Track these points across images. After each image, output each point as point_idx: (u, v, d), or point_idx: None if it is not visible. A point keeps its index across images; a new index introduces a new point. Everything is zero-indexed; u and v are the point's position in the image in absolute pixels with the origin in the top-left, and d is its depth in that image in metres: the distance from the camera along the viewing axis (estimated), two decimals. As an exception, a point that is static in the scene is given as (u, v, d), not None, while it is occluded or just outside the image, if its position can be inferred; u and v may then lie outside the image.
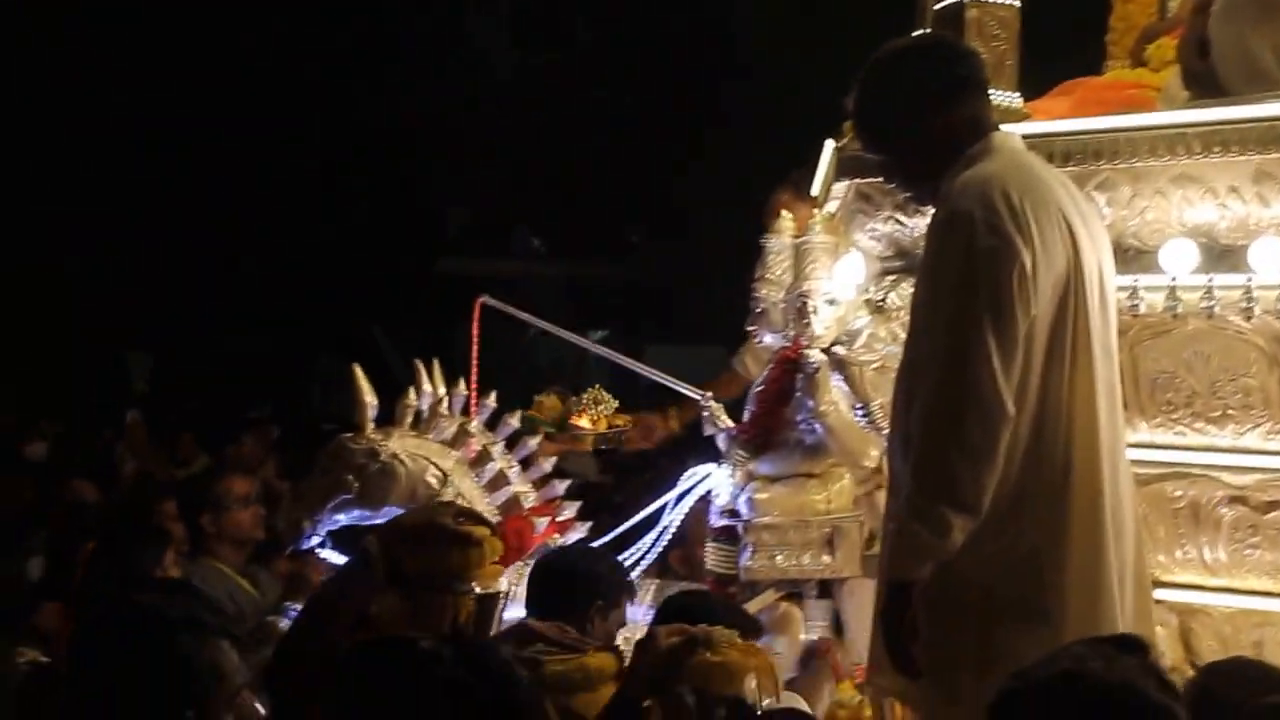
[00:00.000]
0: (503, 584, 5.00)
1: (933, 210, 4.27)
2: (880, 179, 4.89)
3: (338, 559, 5.85)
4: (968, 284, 3.91)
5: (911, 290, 5.18)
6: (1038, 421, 3.99)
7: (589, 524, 6.05)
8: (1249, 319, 4.74)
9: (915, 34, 5.15)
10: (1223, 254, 4.74)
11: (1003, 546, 3.98)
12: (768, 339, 6.01)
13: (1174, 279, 4.76)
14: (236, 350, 21.55)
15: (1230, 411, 4.88)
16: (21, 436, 13.85)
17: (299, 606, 5.61)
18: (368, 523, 5.85)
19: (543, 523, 5.79)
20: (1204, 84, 4.96)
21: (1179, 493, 4.94)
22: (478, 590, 3.91)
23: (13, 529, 8.42)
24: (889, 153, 4.32)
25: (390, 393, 5.90)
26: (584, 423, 6.83)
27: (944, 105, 4.14)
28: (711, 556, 5.99)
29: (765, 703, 3.78)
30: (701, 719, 3.83)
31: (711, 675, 3.78)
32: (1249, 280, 4.69)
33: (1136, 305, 4.77)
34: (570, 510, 5.96)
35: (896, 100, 4.18)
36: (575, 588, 4.93)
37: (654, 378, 6.84)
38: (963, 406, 3.88)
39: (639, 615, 5.33)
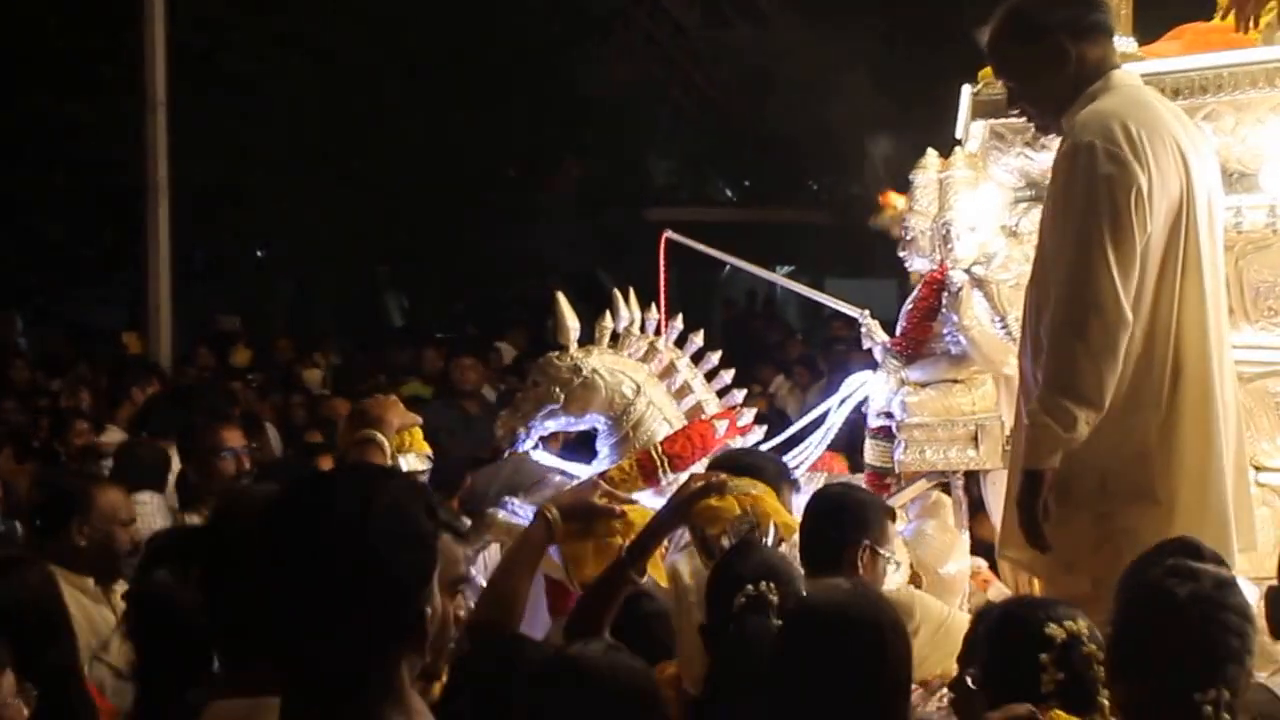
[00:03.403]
0: None
1: (1058, 142, 4.20)
2: (1012, 116, 4.81)
3: (547, 459, 5.98)
4: (1091, 207, 3.86)
5: (1040, 216, 5.15)
6: (1150, 327, 3.93)
7: (764, 427, 6.07)
8: (1342, 231, 4.61)
9: None
10: (1318, 174, 4.62)
11: (1120, 438, 3.94)
12: (917, 262, 5.97)
13: (1274, 198, 4.67)
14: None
15: (1325, 316, 4.77)
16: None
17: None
18: (573, 428, 5.96)
19: (723, 425, 5.82)
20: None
21: (1277, 389, 4.84)
22: None
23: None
24: (1021, 83, 4.22)
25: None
26: None
27: (1077, 45, 4.06)
28: (870, 452, 5.98)
29: (767, 541, 3.89)
30: (707, 553, 4.01)
31: (705, 517, 3.94)
32: (1342, 197, 4.56)
33: (1240, 223, 4.69)
34: (748, 415, 5.99)
35: (1037, 35, 4.09)
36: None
37: (819, 299, 6.85)
38: (1086, 314, 3.84)
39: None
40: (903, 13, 18.83)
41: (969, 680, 3.39)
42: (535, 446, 5.82)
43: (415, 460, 4.52)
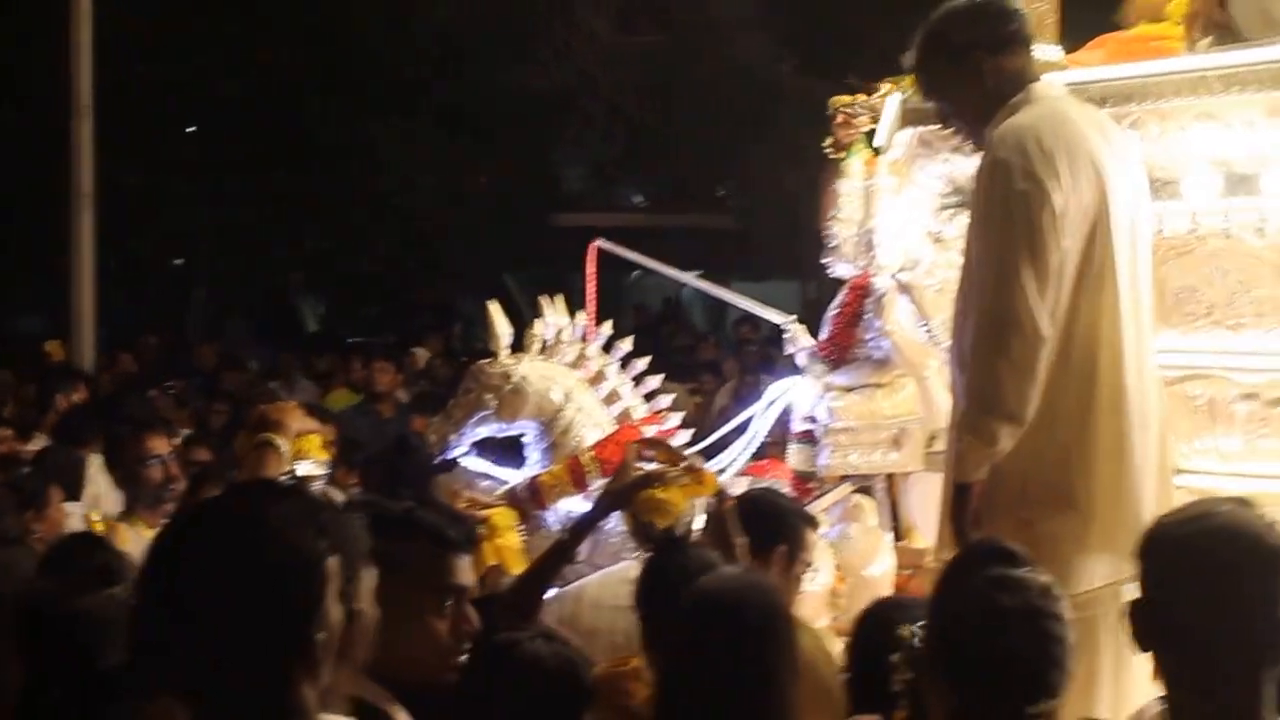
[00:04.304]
0: None
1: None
2: (939, 126, 4.74)
3: (478, 465, 5.85)
4: (1007, 223, 3.83)
5: (965, 222, 5.08)
6: (1067, 338, 3.89)
7: (691, 431, 5.98)
8: (1262, 238, 4.63)
9: None
10: (1239, 181, 4.61)
11: (1039, 446, 3.90)
12: (841, 269, 5.91)
13: (1196, 205, 4.66)
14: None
15: (1244, 320, 4.77)
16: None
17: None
18: (503, 434, 5.84)
19: (651, 431, 5.72)
20: (1222, 32, 4.80)
21: (1199, 392, 4.82)
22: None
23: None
24: (945, 99, 4.19)
25: (519, 328, 5.87)
26: None
27: (995, 58, 4.01)
28: (794, 456, 5.93)
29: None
30: (643, 539, 4.07)
31: (649, 506, 4.03)
32: (1262, 204, 4.58)
33: (1162, 229, 4.66)
34: (675, 419, 5.90)
35: (955, 54, 4.06)
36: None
37: (743, 305, 6.79)
38: (1006, 330, 3.81)
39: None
40: (810, 20, 18.81)
41: None
42: (467, 453, 5.71)
43: (312, 466, 4.42)
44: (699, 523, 4.27)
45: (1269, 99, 4.41)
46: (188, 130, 19.41)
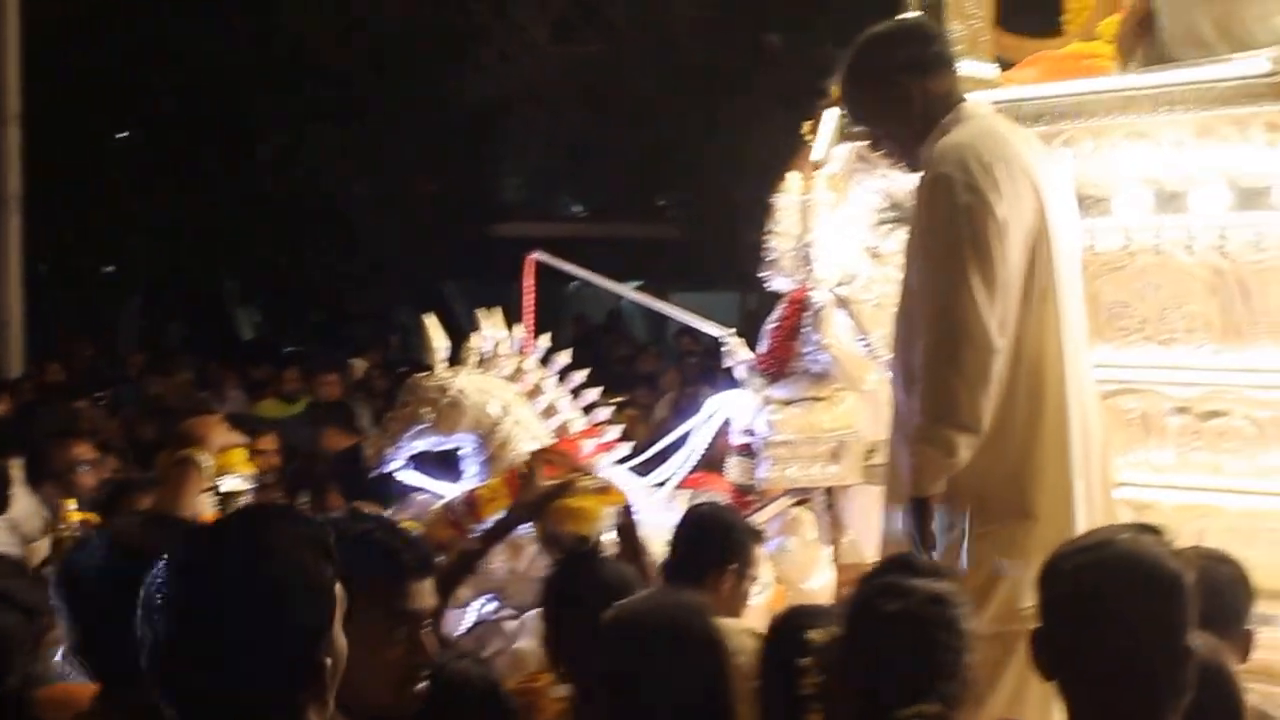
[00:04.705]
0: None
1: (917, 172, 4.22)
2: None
3: (415, 478, 5.84)
4: (953, 237, 3.86)
5: (903, 237, 5.13)
6: (1014, 351, 3.93)
7: (630, 444, 5.99)
8: (1191, 254, 4.69)
9: (895, 19, 5.05)
10: (1169, 199, 4.66)
11: (991, 460, 3.94)
12: (779, 282, 5.94)
13: (1127, 222, 4.71)
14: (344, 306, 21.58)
15: (1175, 335, 4.84)
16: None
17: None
18: (441, 447, 5.83)
19: (590, 444, 5.73)
20: (1138, 58, 4.89)
21: (1132, 405, 4.89)
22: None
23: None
24: (875, 125, 4.23)
25: (457, 339, 5.86)
26: None
27: (922, 81, 4.05)
28: (734, 469, 5.93)
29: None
30: (554, 548, 4.14)
31: (559, 516, 4.12)
32: (1191, 222, 4.63)
33: (1094, 245, 4.71)
34: (614, 433, 5.91)
35: (881, 79, 4.09)
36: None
37: (682, 318, 6.80)
38: (958, 342, 3.84)
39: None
40: (752, 30, 18.89)
41: None
42: (404, 466, 5.69)
43: (238, 481, 4.40)
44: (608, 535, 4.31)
45: (1197, 119, 4.47)
46: (120, 135, 19.21)
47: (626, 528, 4.23)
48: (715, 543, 4.31)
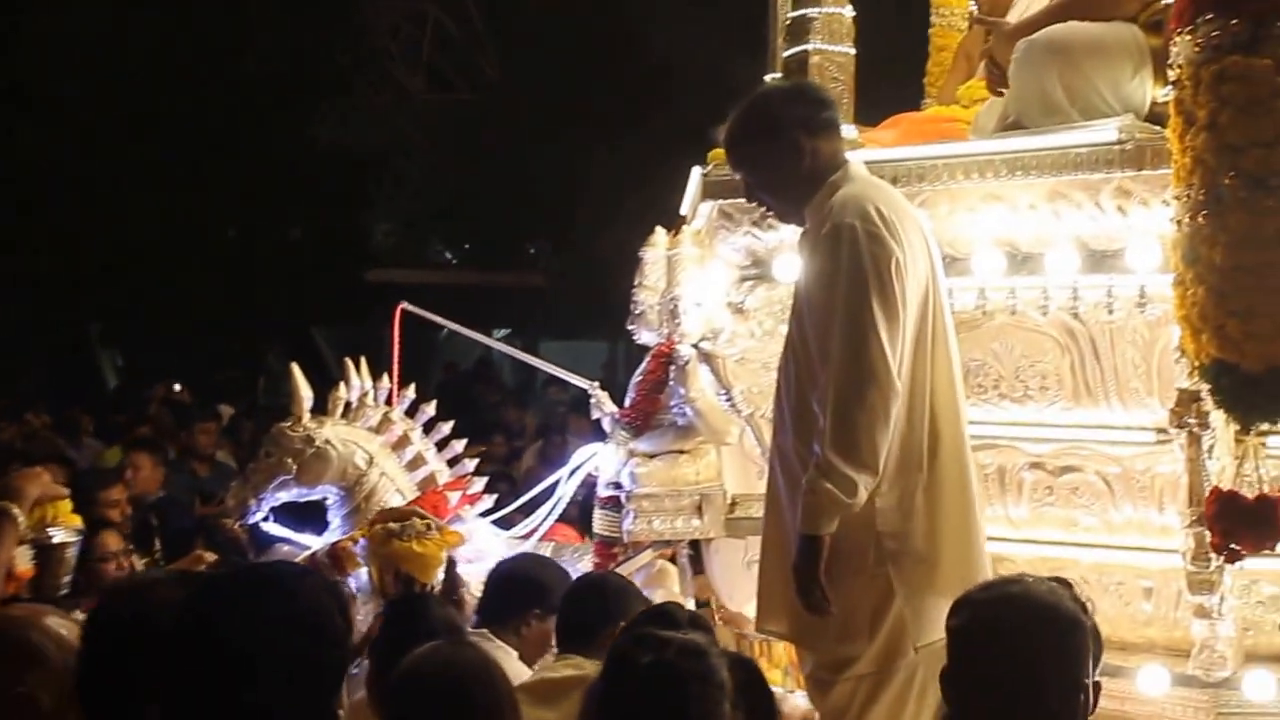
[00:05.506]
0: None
1: (795, 227, 4.34)
2: (740, 199, 4.84)
3: (278, 530, 5.80)
4: (858, 283, 3.93)
5: (765, 294, 5.22)
6: (911, 394, 4.01)
7: (494, 496, 6.00)
8: (1045, 315, 4.78)
9: (783, 81, 5.13)
10: (1023, 261, 4.75)
11: (889, 501, 4.01)
12: (645, 336, 5.98)
13: (983, 282, 4.79)
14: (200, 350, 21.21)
15: (1030, 393, 4.92)
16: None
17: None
18: (305, 499, 5.80)
19: (455, 496, 5.74)
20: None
21: (989, 460, 4.96)
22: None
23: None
24: (761, 176, 4.30)
25: (326, 384, 5.84)
26: None
27: (812, 140, 4.18)
28: (599, 522, 5.97)
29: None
30: (383, 593, 4.45)
31: (401, 557, 4.48)
32: (1045, 283, 4.72)
33: (953, 304, 4.77)
34: (479, 484, 5.92)
35: (775, 133, 4.19)
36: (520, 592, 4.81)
37: (546, 369, 6.82)
38: (863, 383, 3.89)
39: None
40: (622, 84, 19.00)
41: None
42: (266, 518, 5.65)
43: (65, 534, 4.35)
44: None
45: (1050, 184, 4.57)
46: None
47: (449, 571, 4.40)
48: (605, 605, 4.40)
